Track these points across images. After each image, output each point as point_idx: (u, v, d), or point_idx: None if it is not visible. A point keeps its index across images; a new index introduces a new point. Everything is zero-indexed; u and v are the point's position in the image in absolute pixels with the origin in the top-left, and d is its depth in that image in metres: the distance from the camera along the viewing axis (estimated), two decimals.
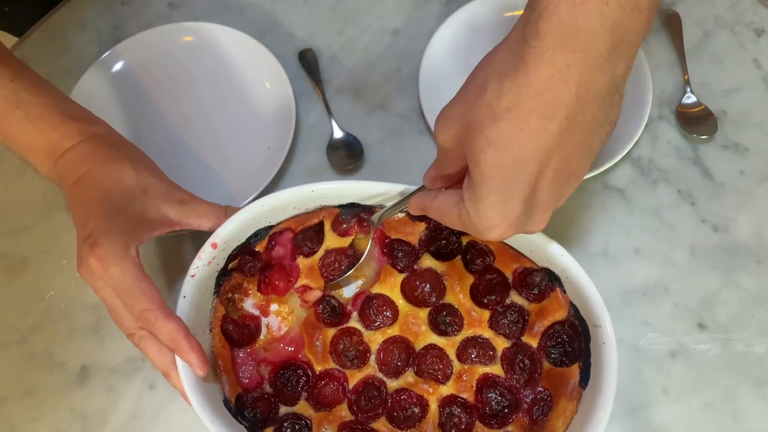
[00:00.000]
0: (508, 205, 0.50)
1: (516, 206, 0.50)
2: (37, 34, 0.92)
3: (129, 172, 0.65)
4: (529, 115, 0.46)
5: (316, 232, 0.71)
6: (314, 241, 0.71)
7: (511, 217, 0.50)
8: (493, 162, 0.48)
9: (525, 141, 0.47)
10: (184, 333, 0.60)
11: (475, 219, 0.52)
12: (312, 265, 0.70)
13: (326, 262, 0.70)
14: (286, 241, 0.71)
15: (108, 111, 0.85)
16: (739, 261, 0.76)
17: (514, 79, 0.46)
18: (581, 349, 0.65)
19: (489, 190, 0.49)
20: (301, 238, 0.71)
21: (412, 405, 0.66)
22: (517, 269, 0.69)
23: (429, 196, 0.59)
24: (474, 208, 0.51)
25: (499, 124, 0.47)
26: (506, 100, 0.47)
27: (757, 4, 0.89)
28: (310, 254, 0.71)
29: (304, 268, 0.71)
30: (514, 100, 0.46)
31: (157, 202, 0.65)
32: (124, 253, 0.60)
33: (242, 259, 0.70)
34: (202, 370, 0.61)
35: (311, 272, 0.70)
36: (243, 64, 0.87)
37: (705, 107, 0.83)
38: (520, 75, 0.46)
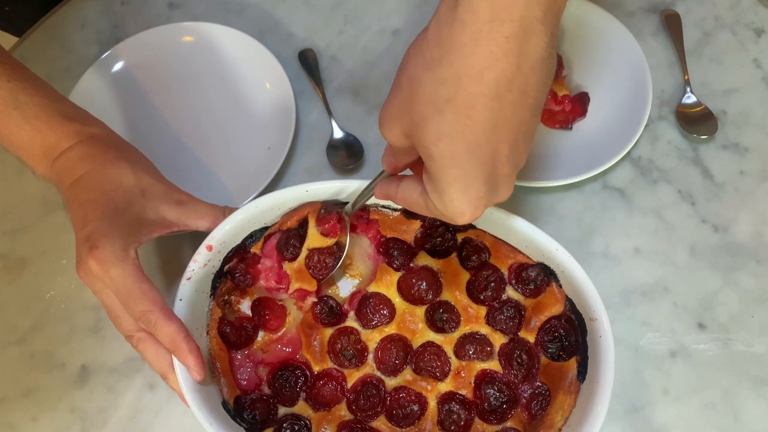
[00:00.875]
0: (471, 189, 0.49)
1: (479, 187, 0.49)
2: (37, 34, 0.92)
3: (127, 173, 0.65)
4: (473, 100, 0.45)
5: (299, 234, 0.70)
6: (297, 245, 0.70)
7: (476, 198, 0.50)
8: (446, 153, 0.47)
9: (474, 127, 0.46)
10: (184, 335, 0.60)
11: (442, 209, 0.51)
12: (299, 267, 0.70)
13: (312, 263, 0.69)
14: (271, 249, 0.70)
15: (108, 111, 0.85)
16: (739, 261, 0.76)
17: (449, 65, 0.45)
18: (578, 343, 0.65)
19: (449, 181, 0.49)
20: (283, 242, 0.70)
21: (411, 403, 0.66)
22: (512, 265, 0.69)
23: (392, 184, 0.58)
24: (439, 200, 0.51)
25: (445, 116, 0.46)
26: (446, 90, 0.45)
27: (757, 4, 0.89)
28: (294, 257, 0.70)
29: (293, 272, 0.70)
30: (454, 88, 0.45)
31: (156, 203, 0.65)
32: (124, 254, 0.60)
33: (235, 267, 0.70)
34: (199, 374, 0.61)
35: (300, 274, 0.70)
36: (243, 64, 0.87)
37: (705, 107, 0.83)
38: (456, 59, 0.44)
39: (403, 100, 0.49)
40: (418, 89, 0.47)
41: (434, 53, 0.45)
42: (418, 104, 0.47)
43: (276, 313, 0.70)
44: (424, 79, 0.46)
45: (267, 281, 0.70)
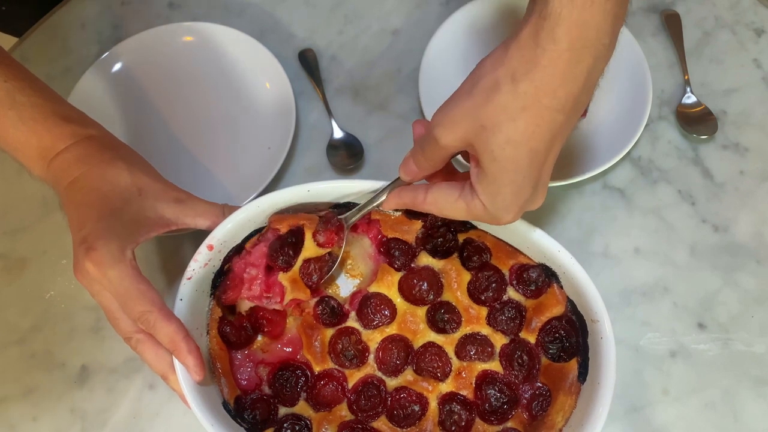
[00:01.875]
0: (521, 193, 0.55)
1: (527, 191, 0.55)
2: (37, 34, 0.92)
3: (123, 174, 0.65)
4: (544, 112, 0.51)
5: (293, 242, 0.68)
6: (291, 253, 0.68)
7: (523, 201, 0.56)
8: (510, 157, 0.52)
9: (539, 136, 0.52)
10: (183, 335, 0.60)
11: (492, 208, 0.56)
12: (294, 277, 0.69)
13: (306, 272, 0.69)
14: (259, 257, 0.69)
15: (108, 111, 0.85)
16: (739, 261, 0.76)
17: (530, 81, 0.50)
18: (579, 344, 0.65)
19: (506, 182, 0.54)
20: (276, 250, 0.68)
21: (412, 403, 0.66)
22: (513, 266, 0.69)
23: (417, 193, 0.61)
24: (490, 200, 0.56)
25: (517, 123, 0.51)
26: (522, 100, 0.50)
27: (757, 4, 0.89)
28: (288, 267, 0.68)
29: (288, 282, 0.68)
30: (531, 100, 0.50)
31: (153, 202, 0.65)
32: (121, 256, 0.60)
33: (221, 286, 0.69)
34: (199, 374, 0.61)
35: (295, 284, 0.69)
36: (243, 64, 0.87)
37: (705, 107, 0.83)
38: (536, 76, 0.50)
39: (474, 105, 0.53)
40: (495, 97, 0.51)
41: (517, 69, 0.50)
42: (492, 110, 0.51)
43: (274, 322, 0.70)
44: (504, 89, 0.51)
45: (250, 290, 0.69)
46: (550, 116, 0.51)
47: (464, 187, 0.58)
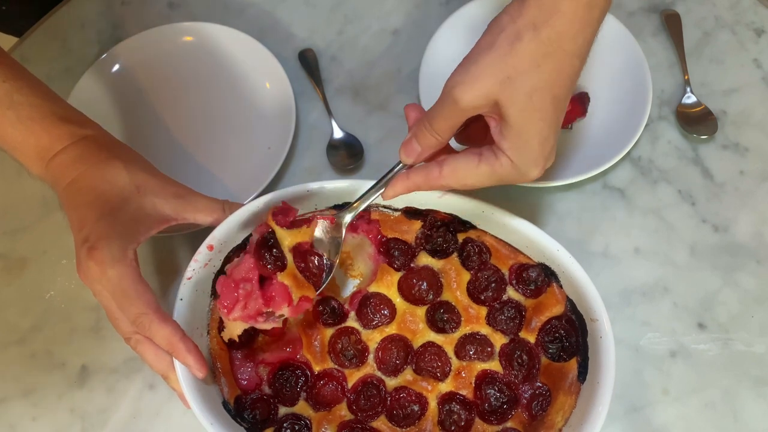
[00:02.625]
0: (547, 142, 0.56)
1: (552, 140, 0.56)
2: (37, 34, 0.92)
3: (121, 172, 0.65)
4: (565, 58, 0.52)
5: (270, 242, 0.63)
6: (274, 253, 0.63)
7: (547, 152, 0.56)
8: (538, 106, 0.53)
9: (563, 81, 0.53)
10: (179, 336, 0.60)
11: (520, 162, 0.56)
12: (293, 273, 0.63)
13: (304, 268, 0.64)
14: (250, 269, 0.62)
15: (108, 111, 0.85)
16: (739, 261, 0.76)
17: (552, 27, 0.51)
18: (579, 343, 0.65)
19: (534, 132, 0.55)
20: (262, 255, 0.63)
21: (412, 403, 0.66)
22: (513, 265, 0.69)
23: (430, 170, 0.60)
24: (518, 153, 0.56)
25: (541, 69, 0.52)
26: (545, 47, 0.52)
27: (757, 4, 0.89)
28: (283, 267, 0.63)
29: (290, 281, 0.62)
30: (554, 46, 0.52)
31: (153, 198, 0.65)
32: (122, 255, 0.60)
33: None
34: (201, 371, 0.61)
35: (297, 281, 0.63)
36: (243, 64, 0.87)
37: (705, 107, 0.83)
38: (557, 23, 0.51)
39: (496, 57, 0.53)
40: (519, 45, 0.52)
41: (537, 17, 0.52)
42: (516, 59, 0.52)
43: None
44: (525, 38, 0.52)
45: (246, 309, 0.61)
46: (570, 62, 0.53)
47: (483, 152, 0.57)
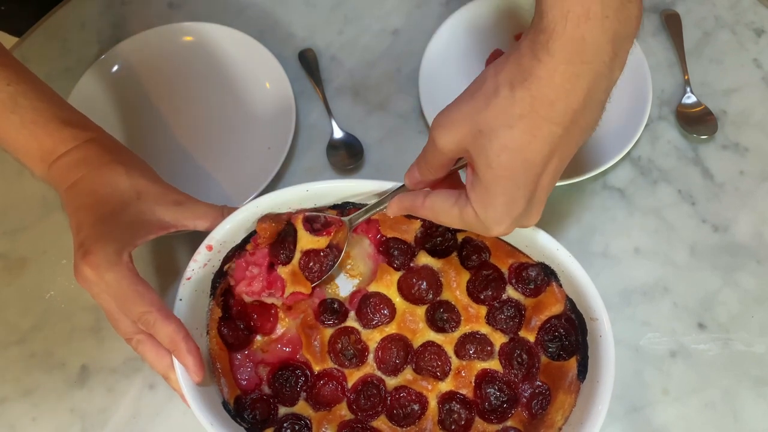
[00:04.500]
0: (515, 204, 0.54)
1: (521, 204, 0.54)
2: (37, 34, 0.92)
3: (122, 177, 0.65)
4: (541, 123, 0.50)
5: (289, 237, 0.68)
6: (289, 248, 0.68)
7: (516, 214, 0.54)
8: (505, 164, 0.51)
9: (536, 146, 0.51)
10: (183, 335, 0.61)
11: (483, 217, 0.55)
12: (293, 270, 0.69)
13: (307, 266, 0.69)
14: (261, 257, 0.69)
15: (108, 111, 0.85)
16: (739, 261, 0.76)
17: (527, 89, 0.50)
18: (578, 342, 0.65)
19: (499, 191, 0.53)
20: (276, 247, 0.69)
21: (412, 402, 0.66)
22: (512, 264, 0.69)
23: (416, 197, 0.61)
24: (482, 208, 0.54)
25: (513, 130, 0.50)
26: (519, 107, 0.50)
27: (757, 4, 0.89)
28: (288, 261, 0.68)
29: (288, 275, 0.69)
30: (528, 108, 0.50)
31: (152, 205, 0.65)
32: (117, 259, 0.60)
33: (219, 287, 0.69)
34: (198, 375, 0.61)
35: (295, 277, 0.69)
36: (243, 64, 0.87)
37: (705, 107, 0.83)
38: (533, 86, 0.49)
39: (473, 109, 0.52)
40: (494, 101, 0.51)
41: (515, 76, 0.50)
42: (490, 115, 0.51)
43: (264, 316, 0.70)
44: (501, 94, 0.50)
45: (251, 286, 0.68)
46: (547, 128, 0.50)
47: (461, 195, 0.57)
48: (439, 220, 0.59)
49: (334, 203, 0.70)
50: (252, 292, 0.68)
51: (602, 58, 0.49)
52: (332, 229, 0.68)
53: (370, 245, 0.72)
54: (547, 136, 0.51)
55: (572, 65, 0.49)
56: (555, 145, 0.51)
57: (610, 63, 0.50)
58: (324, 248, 0.69)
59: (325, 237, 0.68)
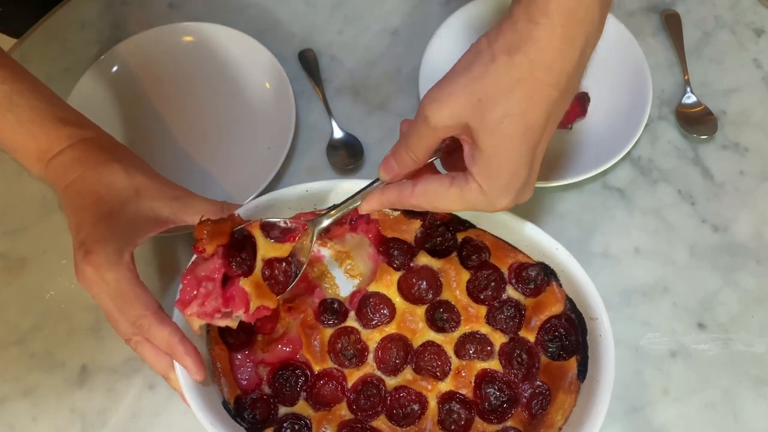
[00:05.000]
0: (518, 173, 0.54)
1: (524, 173, 0.54)
2: (37, 34, 0.92)
3: (120, 175, 0.65)
4: (540, 87, 0.51)
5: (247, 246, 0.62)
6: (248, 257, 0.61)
7: (518, 184, 0.55)
8: (509, 132, 0.52)
9: (535, 110, 0.52)
10: (179, 338, 0.60)
11: (489, 189, 0.54)
12: (257, 282, 0.61)
13: (271, 276, 0.62)
14: (214, 271, 0.60)
15: (108, 111, 0.85)
16: (739, 261, 0.76)
17: (525, 54, 0.50)
18: (578, 342, 0.65)
19: (504, 160, 0.53)
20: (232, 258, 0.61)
21: (411, 402, 0.66)
22: (512, 264, 0.69)
23: (403, 187, 0.59)
24: (487, 180, 0.54)
25: (513, 95, 0.51)
26: (518, 72, 0.50)
27: (757, 4, 0.89)
28: (249, 272, 0.61)
29: (251, 288, 0.60)
30: (526, 72, 0.50)
31: (151, 201, 0.65)
32: (118, 259, 0.60)
33: None
34: (199, 374, 0.61)
35: (260, 290, 0.61)
36: (243, 64, 0.87)
37: (705, 107, 0.83)
38: (530, 50, 0.50)
39: (470, 79, 0.52)
40: (492, 69, 0.51)
41: (511, 42, 0.51)
42: (488, 82, 0.51)
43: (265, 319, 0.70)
44: (499, 62, 0.51)
45: (203, 306, 0.60)
46: (545, 91, 0.51)
47: (456, 176, 0.56)
48: (434, 204, 0.58)
49: (334, 203, 0.70)
50: (204, 314, 0.60)
51: (592, 18, 0.51)
52: (296, 234, 0.63)
53: (370, 245, 0.72)
54: (545, 99, 0.51)
55: (568, 27, 0.50)
56: (551, 109, 0.52)
57: (599, 23, 0.52)
58: (287, 256, 0.63)
59: (289, 243, 0.63)
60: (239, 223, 0.62)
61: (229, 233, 0.61)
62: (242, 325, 0.69)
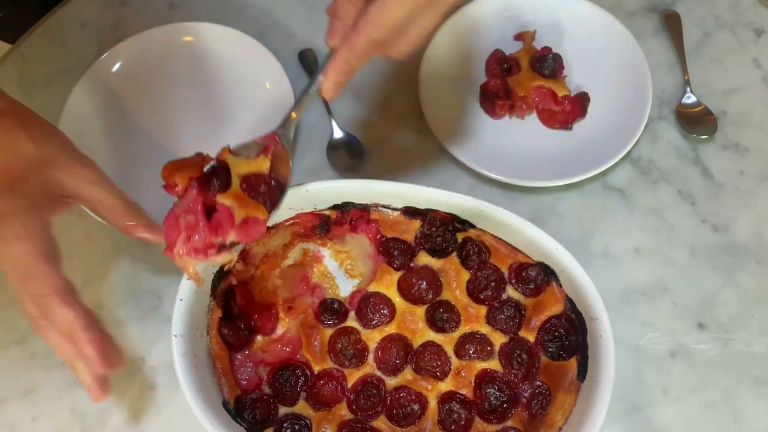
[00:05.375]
0: None
1: None
2: (37, 34, 0.92)
3: (25, 144, 0.59)
4: None
5: (219, 170, 0.59)
6: (223, 177, 0.58)
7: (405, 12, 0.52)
8: None
9: None
10: (83, 323, 0.55)
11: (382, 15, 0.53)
12: (236, 193, 0.58)
13: (251, 188, 0.59)
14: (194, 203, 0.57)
15: (108, 111, 0.85)
16: (739, 261, 0.76)
17: None
18: (578, 342, 0.65)
19: None
20: (206, 183, 0.58)
21: (411, 402, 0.66)
22: (512, 264, 0.69)
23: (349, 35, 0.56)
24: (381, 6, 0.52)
25: None
26: None
27: (757, 4, 0.89)
28: (227, 187, 0.58)
29: (232, 201, 0.57)
30: None
31: (61, 174, 0.59)
32: (24, 233, 0.55)
33: None
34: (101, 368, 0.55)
35: (241, 201, 0.58)
36: (243, 64, 0.87)
37: (705, 107, 0.83)
38: None
39: None
40: None
41: None
42: None
43: (265, 317, 0.70)
44: None
45: (190, 241, 0.57)
46: None
47: None
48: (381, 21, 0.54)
49: (334, 203, 0.70)
50: (195, 250, 0.57)
51: None
52: (268, 147, 0.61)
53: (370, 245, 0.72)
54: None
55: None
56: None
57: None
58: (267, 173, 0.60)
59: (263, 156, 0.60)
60: (208, 161, 0.59)
61: (200, 167, 0.58)
62: (242, 325, 0.69)
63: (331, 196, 0.70)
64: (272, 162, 0.61)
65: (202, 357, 0.65)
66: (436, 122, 0.80)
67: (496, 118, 0.83)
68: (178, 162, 0.58)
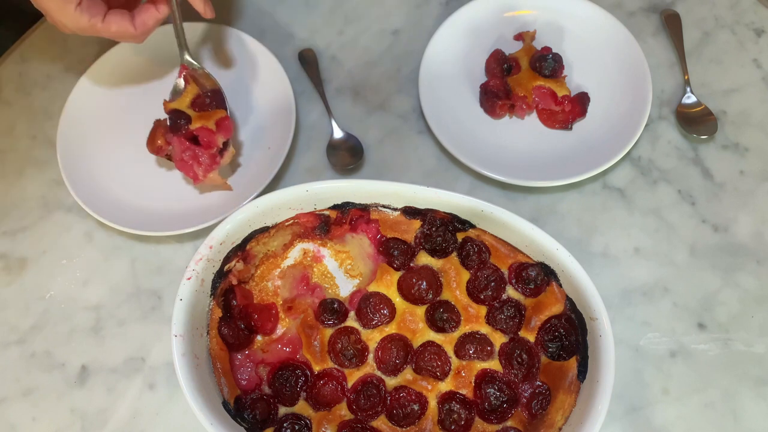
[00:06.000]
0: None
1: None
2: (37, 34, 0.92)
3: None
4: None
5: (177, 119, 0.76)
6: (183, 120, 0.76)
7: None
8: None
9: None
10: None
11: None
12: (196, 116, 0.77)
13: (199, 107, 0.78)
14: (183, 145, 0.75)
15: (108, 111, 0.85)
16: (739, 261, 0.76)
17: None
18: (578, 342, 0.65)
19: None
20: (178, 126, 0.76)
21: (411, 402, 0.66)
22: (512, 264, 0.69)
23: None
24: None
25: None
26: None
27: (757, 4, 0.89)
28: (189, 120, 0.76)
29: (199, 122, 0.75)
30: None
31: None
32: None
33: None
34: None
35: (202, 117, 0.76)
36: (243, 64, 0.87)
37: (705, 107, 0.83)
38: None
39: None
40: None
41: None
42: None
43: (264, 317, 0.70)
44: None
45: (200, 165, 0.74)
46: None
47: None
48: None
49: (334, 203, 0.70)
50: (209, 166, 0.75)
51: None
52: (186, 78, 0.79)
53: (370, 245, 0.72)
54: None
55: None
56: None
57: None
58: (200, 91, 0.79)
59: (189, 86, 0.79)
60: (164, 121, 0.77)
61: (165, 125, 0.76)
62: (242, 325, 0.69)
63: (331, 196, 0.70)
64: (197, 82, 0.79)
65: (202, 357, 0.65)
66: (436, 122, 0.80)
67: (496, 118, 0.83)
68: (150, 138, 0.76)
